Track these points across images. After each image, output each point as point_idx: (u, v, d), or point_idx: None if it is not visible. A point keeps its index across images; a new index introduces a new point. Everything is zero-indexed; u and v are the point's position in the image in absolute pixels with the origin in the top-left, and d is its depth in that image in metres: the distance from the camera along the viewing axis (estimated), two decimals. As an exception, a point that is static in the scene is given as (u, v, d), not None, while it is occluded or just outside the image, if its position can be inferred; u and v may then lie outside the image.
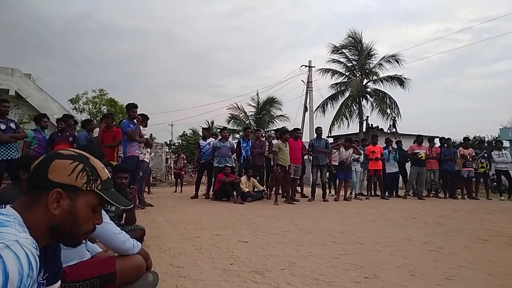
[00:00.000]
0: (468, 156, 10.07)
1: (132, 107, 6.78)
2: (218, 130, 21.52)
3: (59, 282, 1.27)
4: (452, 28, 67.60)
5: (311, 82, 22.68)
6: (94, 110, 17.28)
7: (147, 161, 7.40)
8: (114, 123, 7.22)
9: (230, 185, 8.11)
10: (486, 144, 21.52)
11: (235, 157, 9.61)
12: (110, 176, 1.12)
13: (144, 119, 7.02)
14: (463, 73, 65.31)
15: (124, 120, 6.86)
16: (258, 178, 9.35)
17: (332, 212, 6.85)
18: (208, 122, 33.97)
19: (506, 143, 22.98)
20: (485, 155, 10.41)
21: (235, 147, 9.18)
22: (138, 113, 6.84)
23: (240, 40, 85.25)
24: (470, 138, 12.31)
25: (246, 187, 8.42)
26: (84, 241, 2.15)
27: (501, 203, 8.99)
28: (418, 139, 10.25)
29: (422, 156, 9.72)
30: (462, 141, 11.10)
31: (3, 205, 1.01)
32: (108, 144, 6.66)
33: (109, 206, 3.51)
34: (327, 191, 9.31)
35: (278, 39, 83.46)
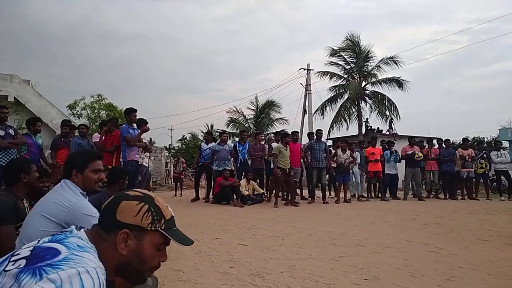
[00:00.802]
0: (467, 157, 10.07)
1: (131, 111, 6.77)
2: (218, 133, 21.55)
3: None
4: (450, 29, 68.00)
5: (310, 85, 22.74)
6: (92, 116, 17.31)
7: (146, 165, 7.40)
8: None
9: (230, 188, 8.10)
10: (485, 144, 21.61)
11: (233, 161, 9.63)
12: (173, 215, 1.15)
13: (142, 123, 7.01)
14: (462, 74, 65.62)
15: (123, 125, 6.84)
16: (258, 181, 9.35)
17: (332, 215, 6.84)
18: (207, 126, 33.99)
19: (505, 143, 23.06)
20: (484, 155, 10.41)
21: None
22: (137, 117, 6.85)
23: (239, 43, 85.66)
24: (469, 138, 12.29)
25: (246, 190, 8.41)
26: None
27: (501, 203, 8.99)
28: (410, 140, 10.24)
29: (419, 157, 9.70)
30: (461, 142, 11.10)
31: (79, 227, 1.08)
32: (107, 149, 6.65)
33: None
34: (327, 193, 9.30)
35: (277, 42, 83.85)
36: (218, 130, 24.46)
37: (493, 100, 63.72)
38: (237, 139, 19.80)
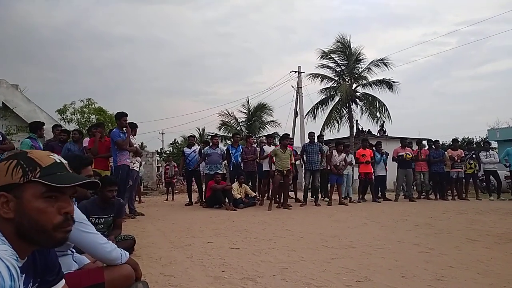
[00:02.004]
0: (457, 158, 10.19)
1: (122, 116, 6.73)
2: (209, 137, 21.50)
3: None
4: (439, 31, 68.85)
5: (301, 87, 22.85)
6: (82, 120, 17.14)
7: (137, 170, 7.36)
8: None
9: (222, 192, 8.08)
10: (474, 145, 21.87)
11: (226, 164, 9.63)
12: (58, 161, 1.08)
13: (133, 127, 6.98)
14: (451, 76, 66.49)
15: (114, 130, 6.80)
16: (250, 184, 9.35)
17: (324, 217, 6.86)
18: (199, 129, 33.89)
19: (494, 144, 23.37)
20: (474, 156, 10.56)
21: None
22: (128, 121, 6.81)
23: (231, 46, 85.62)
24: (459, 139, 12.46)
25: (238, 193, 8.40)
26: (71, 251, 2.12)
27: (490, 203, 9.10)
28: (402, 142, 10.35)
29: (408, 157, 9.78)
30: (451, 143, 11.23)
31: None
32: (102, 155, 6.60)
33: (98, 218, 3.51)
34: (319, 195, 9.33)
35: (269, 45, 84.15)
36: (210, 134, 24.45)
37: (482, 101, 64.81)
38: (229, 142, 19.79)
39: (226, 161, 9.40)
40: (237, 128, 24.64)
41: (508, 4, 60.04)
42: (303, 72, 22.81)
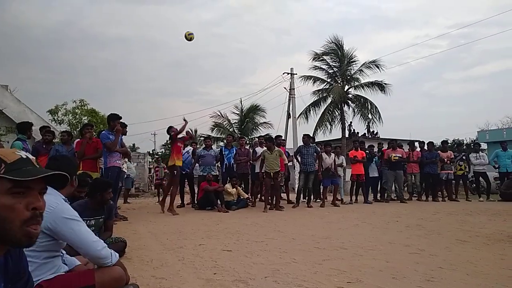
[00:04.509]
0: (446, 159, 10.30)
1: (115, 118, 6.63)
2: (202, 138, 21.46)
3: None
4: (430, 34, 69.49)
5: (294, 89, 22.91)
6: (74, 121, 16.97)
7: (126, 171, 7.30)
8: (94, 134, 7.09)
9: (214, 193, 8.06)
10: (464, 146, 22.16)
11: (218, 165, 9.61)
12: (24, 157, 1.07)
13: (122, 127, 6.90)
14: (442, 78, 67.19)
15: (103, 131, 6.73)
16: (243, 186, 9.35)
17: (316, 218, 6.89)
18: (191, 130, 33.74)
19: (483, 146, 23.69)
20: (463, 157, 10.69)
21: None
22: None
23: (225, 47, 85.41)
24: (449, 141, 12.62)
25: (231, 195, 8.39)
26: (61, 253, 2.10)
27: (480, 204, 9.23)
28: (393, 143, 10.43)
29: (394, 158, 9.86)
30: (441, 145, 11.36)
31: None
32: (90, 156, 6.52)
33: (89, 220, 3.48)
34: (312, 197, 9.36)
35: (262, 46, 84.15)
36: (203, 135, 24.36)
37: (472, 103, 65.65)
38: (221, 143, 19.81)
39: (219, 162, 9.38)
40: (230, 130, 24.60)
41: (498, 7, 61.10)
42: (296, 74, 22.86)
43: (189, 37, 7.83)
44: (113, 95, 73.94)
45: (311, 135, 14.38)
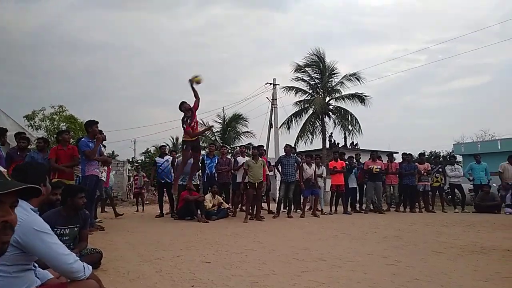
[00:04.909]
0: (423, 171, 10.55)
1: (92, 123, 6.52)
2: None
3: None
4: (409, 48, 71.58)
5: (276, 99, 23.13)
6: (51, 127, 16.56)
7: (104, 180, 7.16)
8: (72, 140, 6.93)
9: (194, 203, 7.97)
10: (441, 159, 22.76)
11: (200, 174, 9.54)
12: None
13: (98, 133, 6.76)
14: (420, 92, 69.08)
15: (83, 139, 6.59)
16: (224, 195, 9.30)
17: (296, 228, 6.91)
18: (172, 138, 33.49)
19: (459, 158, 24.41)
20: (440, 169, 10.97)
21: (200, 164, 9.11)
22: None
23: (207, 56, 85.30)
24: (426, 153, 12.94)
25: (211, 204, 8.31)
26: (33, 267, 2.03)
27: (455, 216, 9.46)
28: (373, 155, 10.63)
29: (375, 170, 10.04)
30: (418, 157, 11.63)
31: None
32: (67, 164, 6.36)
33: (63, 229, 3.39)
34: (292, 207, 9.39)
35: (245, 56, 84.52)
36: (184, 144, 24.14)
37: (449, 117, 67.47)
38: (203, 152, 19.68)
39: (200, 171, 9.32)
40: (212, 138, 24.53)
41: (473, 25, 63.60)
42: (278, 85, 23.16)
43: (196, 79, 7.67)
44: (91, 101, 72.55)
45: (293, 145, 14.57)
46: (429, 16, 72.70)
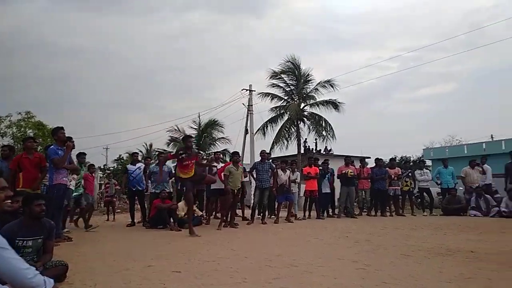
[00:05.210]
0: (394, 176, 10.85)
1: (58, 130, 6.25)
2: (156, 153, 20.94)
3: None
4: (382, 56, 73.68)
5: (252, 105, 23.24)
6: (18, 134, 15.95)
7: (72, 188, 6.95)
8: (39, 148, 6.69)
9: (167, 211, 7.85)
10: (411, 163, 23.47)
11: (173, 181, 9.42)
12: None
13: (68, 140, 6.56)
14: (392, 98, 71.19)
15: (52, 146, 6.36)
16: (198, 203, 9.20)
17: (270, 235, 6.93)
18: (146, 145, 32.95)
19: (428, 162, 25.26)
20: (409, 174, 11.32)
21: (173, 171, 9.00)
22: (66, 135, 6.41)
23: (183, 62, 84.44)
24: (397, 158, 13.33)
25: (184, 212, 8.19)
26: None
27: (424, 219, 9.77)
28: (346, 160, 10.83)
29: (350, 174, 10.24)
30: (389, 161, 11.95)
31: None
32: (32, 178, 6.11)
33: (26, 240, 3.26)
34: (266, 213, 9.42)
35: (222, 62, 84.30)
36: (158, 150, 23.83)
37: (419, 122, 69.73)
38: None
39: (173, 178, 9.19)
40: (187, 145, 24.30)
41: (442, 34, 66.23)
42: (254, 91, 23.31)
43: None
44: (64, 107, 70.28)
45: (268, 151, 14.62)
46: (401, 24, 75.27)
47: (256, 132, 22.48)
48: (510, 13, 67.80)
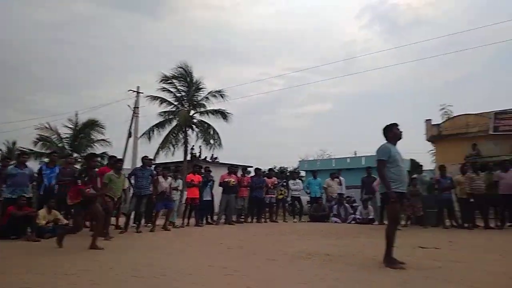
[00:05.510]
0: (270, 185, 11.61)
1: None
2: (18, 153, 18.29)
3: None
4: (270, 72, 78.41)
5: (138, 107, 22.21)
6: None
7: None
8: None
9: (24, 219, 6.86)
10: (288, 173, 25.44)
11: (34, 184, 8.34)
12: None
13: None
14: (277, 112, 76.26)
15: None
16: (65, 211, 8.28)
17: (143, 244, 6.65)
18: (8, 142, 28.58)
19: (303, 173, 27.78)
20: (284, 183, 12.29)
21: (37, 174, 7.99)
22: None
23: (64, 55, 75.07)
24: (276, 168, 14.30)
25: (44, 220, 7.28)
26: None
27: (294, 225, 10.66)
28: (230, 168, 11.22)
29: (232, 183, 10.61)
30: (267, 171, 12.78)
31: None
32: None
33: None
34: (142, 221, 9.03)
35: (108, 60, 77.85)
36: (22, 149, 20.82)
37: (298, 136, 76.25)
38: (46, 160, 17.31)
39: (34, 182, 8.14)
40: (59, 145, 21.79)
41: (322, 58, 73.78)
42: (142, 93, 22.38)
43: None
44: None
45: (153, 157, 14.14)
46: (289, 46, 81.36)
47: (141, 136, 21.51)
48: (378, 48, 79.92)
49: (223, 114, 21.69)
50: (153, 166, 10.39)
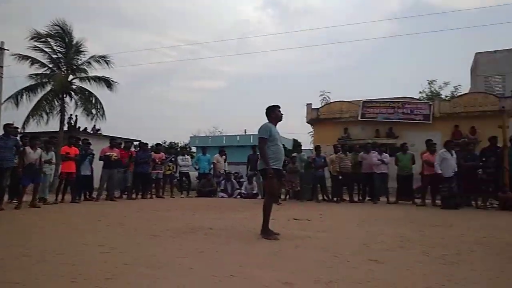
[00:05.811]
0: (158, 160, 11.31)
1: None
2: None
3: None
4: (163, 43, 74.61)
5: (2, 67, 19.00)
6: None
7: None
8: None
9: None
10: (178, 149, 25.14)
11: None
12: None
13: None
14: (170, 85, 73.58)
15: None
16: None
17: (6, 223, 5.86)
18: None
19: (194, 149, 27.76)
20: (173, 159, 12.11)
21: None
22: None
23: None
24: (166, 143, 13.98)
25: None
26: None
27: (181, 200, 10.71)
28: (111, 142, 10.55)
29: (114, 158, 10.02)
30: (155, 146, 12.41)
31: None
32: None
33: None
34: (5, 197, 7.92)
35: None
36: None
37: (191, 112, 75.36)
38: None
39: None
40: None
41: (216, 35, 73.26)
42: (8, 50, 19.14)
43: None
44: None
45: (17, 126, 12.26)
46: (183, 17, 78.42)
47: (5, 101, 18.50)
48: (270, 30, 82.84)
49: (107, 82, 20.00)
50: (20, 135, 9.10)
